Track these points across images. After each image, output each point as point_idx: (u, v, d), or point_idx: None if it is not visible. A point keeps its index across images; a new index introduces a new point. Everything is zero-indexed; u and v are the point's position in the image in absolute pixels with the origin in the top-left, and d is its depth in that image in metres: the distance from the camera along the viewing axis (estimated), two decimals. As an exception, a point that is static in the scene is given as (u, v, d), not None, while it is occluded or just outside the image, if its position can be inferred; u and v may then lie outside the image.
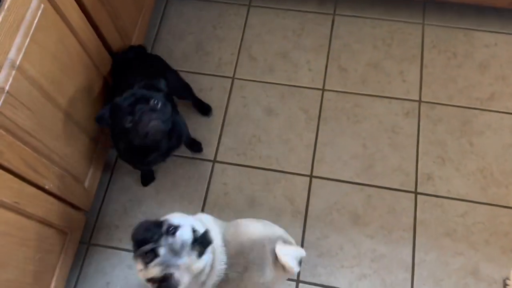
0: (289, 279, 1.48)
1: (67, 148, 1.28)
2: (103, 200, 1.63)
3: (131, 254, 1.51)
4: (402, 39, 1.83)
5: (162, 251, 0.96)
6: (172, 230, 0.99)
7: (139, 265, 0.99)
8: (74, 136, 1.31)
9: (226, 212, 1.58)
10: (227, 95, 1.79)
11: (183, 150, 1.68)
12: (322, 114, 1.73)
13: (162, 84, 1.28)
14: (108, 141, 1.54)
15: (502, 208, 1.54)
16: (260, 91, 1.79)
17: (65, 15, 1.16)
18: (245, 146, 1.69)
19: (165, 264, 0.96)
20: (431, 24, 1.85)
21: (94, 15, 1.30)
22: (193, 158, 1.68)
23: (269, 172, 1.65)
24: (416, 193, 1.58)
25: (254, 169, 1.65)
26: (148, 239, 0.98)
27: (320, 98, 1.76)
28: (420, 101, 1.72)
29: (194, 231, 1.03)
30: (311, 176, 1.63)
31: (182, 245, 0.98)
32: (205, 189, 1.62)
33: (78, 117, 1.31)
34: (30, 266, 1.20)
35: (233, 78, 1.82)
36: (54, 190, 1.23)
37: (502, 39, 1.81)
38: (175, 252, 0.97)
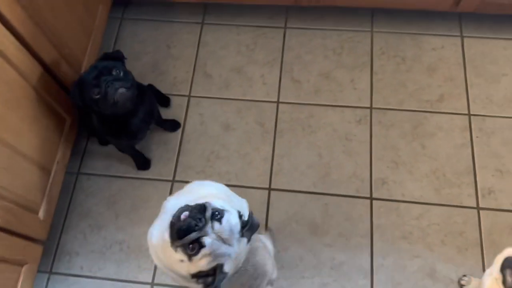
0: (251, 294, 1.49)
1: (15, 181, 1.27)
2: (62, 227, 1.63)
3: (93, 280, 1.54)
4: (352, 48, 1.87)
5: (208, 240, 0.85)
6: (218, 215, 0.88)
7: (180, 255, 0.87)
8: (21, 169, 1.30)
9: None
10: (183, 113, 1.80)
11: (142, 173, 1.69)
12: (278, 126, 1.75)
13: (120, 53, 1.37)
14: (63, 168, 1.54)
15: (455, 208, 1.57)
16: (216, 107, 1.81)
17: (1, 51, 1.16)
18: (204, 163, 1.71)
19: (214, 255, 0.86)
20: (380, 31, 1.90)
21: (35, 47, 1.30)
22: (151, 179, 1.69)
23: (229, 188, 1.66)
24: (371, 198, 1.61)
25: (213, 186, 1.66)
26: (192, 227, 0.85)
27: (275, 111, 1.78)
28: (371, 108, 1.75)
29: (240, 216, 0.93)
30: (269, 189, 1.65)
31: (231, 232, 0.87)
32: (164, 210, 1.63)
33: (25, 149, 1.31)
34: (-18, 303, 1.19)
35: (189, 96, 1.84)
36: (4, 224, 1.23)
37: (448, 42, 1.86)
38: (224, 240, 0.87)
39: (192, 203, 0.93)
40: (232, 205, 0.97)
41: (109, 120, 1.40)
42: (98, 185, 1.69)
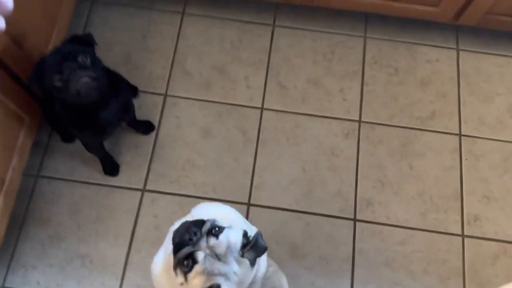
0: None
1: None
2: (18, 236, 1.47)
3: (50, 298, 1.40)
4: (343, 54, 1.75)
5: (201, 255, 0.78)
6: (217, 231, 0.81)
7: (180, 278, 0.81)
8: (-31, 182, 1.13)
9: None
10: (158, 115, 1.65)
11: (109, 179, 1.54)
12: (261, 135, 1.63)
13: (91, 37, 1.22)
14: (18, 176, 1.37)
15: (440, 235, 1.52)
16: (195, 110, 1.66)
17: None
18: (179, 172, 1.57)
19: (208, 272, 0.78)
20: (373, 37, 1.78)
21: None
22: (119, 187, 1.54)
23: (205, 201, 1.54)
24: (355, 220, 1.53)
25: (188, 198, 1.54)
26: (186, 241, 0.80)
27: (259, 118, 1.66)
28: (360, 121, 1.65)
29: (246, 236, 0.85)
30: (249, 205, 1.54)
31: (229, 249, 0.80)
32: (133, 222, 1.50)
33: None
34: None
35: (165, 95, 1.68)
36: None
37: (444, 54, 1.77)
38: (219, 256, 0.79)
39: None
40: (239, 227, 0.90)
41: (74, 109, 1.24)
42: (59, 191, 1.53)
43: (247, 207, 1.53)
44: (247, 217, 1.52)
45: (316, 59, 1.74)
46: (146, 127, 1.61)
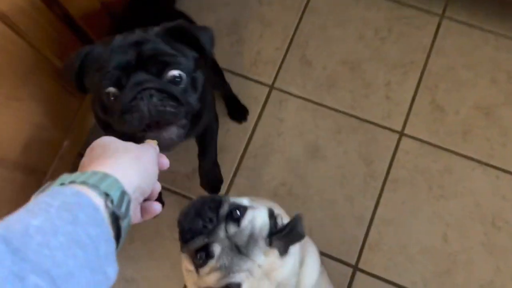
0: None
1: None
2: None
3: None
4: (541, 78, 1.18)
5: (217, 249, 0.65)
6: (237, 214, 0.67)
7: (188, 265, 0.68)
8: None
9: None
10: (258, 111, 1.23)
11: (187, 185, 1.17)
12: (391, 172, 1.15)
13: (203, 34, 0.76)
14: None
15: None
16: (306, 116, 1.21)
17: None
18: (268, 196, 1.16)
19: (226, 269, 0.65)
20: None
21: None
22: (191, 198, 1.17)
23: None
24: (509, 333, 1.03)
25: (274, 236, 1.13)
26: (199, 229, 0.66)
27: (394, 146, 1.17)
28: (548, 186, 1.11)
29: (272, 216, 0.69)
30: (355, 268, 1.10)
31: (252, 237, 0.66)
32: (198, 253, 1.13)
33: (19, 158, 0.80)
34: None
35: (271, 86, 1.24)
36: None
37: None
38: (241, 248, 0.66)
39: None
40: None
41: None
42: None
43: (352, 271, 1.09)
44: (349, 285, 1.08)
45: (495, 77, 1.19)
46: (240, 114, 1.20)
